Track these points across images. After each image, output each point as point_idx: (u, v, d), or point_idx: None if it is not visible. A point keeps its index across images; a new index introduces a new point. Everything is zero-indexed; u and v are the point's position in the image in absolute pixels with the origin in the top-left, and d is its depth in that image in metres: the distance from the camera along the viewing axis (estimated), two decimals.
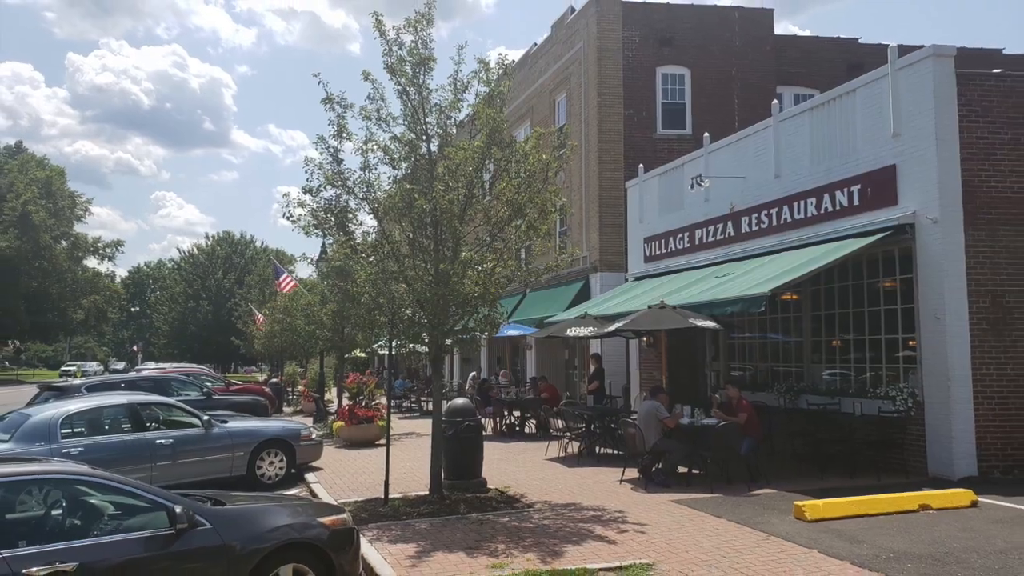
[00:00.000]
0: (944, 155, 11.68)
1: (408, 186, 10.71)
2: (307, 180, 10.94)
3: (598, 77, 22.47)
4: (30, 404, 14.11)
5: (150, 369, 35.96)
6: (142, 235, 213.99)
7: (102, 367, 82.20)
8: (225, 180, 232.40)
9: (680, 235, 18.18)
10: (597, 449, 14.90)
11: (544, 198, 10.83)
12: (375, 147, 10.96)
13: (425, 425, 17.10)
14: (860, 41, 24.57)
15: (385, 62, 10.81)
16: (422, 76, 10.77)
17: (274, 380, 35.60)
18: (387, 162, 11.03)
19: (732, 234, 16.24)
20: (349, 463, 14.94)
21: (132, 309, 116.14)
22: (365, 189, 11.01)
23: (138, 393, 14.64)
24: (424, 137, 10.90)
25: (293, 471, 13.33)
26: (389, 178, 11.33)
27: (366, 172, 11.01)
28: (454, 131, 11.26)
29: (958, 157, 11.72)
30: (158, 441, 11.55)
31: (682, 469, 12.22)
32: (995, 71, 13.02)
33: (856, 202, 12.95)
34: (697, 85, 22.84)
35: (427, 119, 10.85)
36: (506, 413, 19.86)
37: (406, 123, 10.93)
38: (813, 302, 14.36)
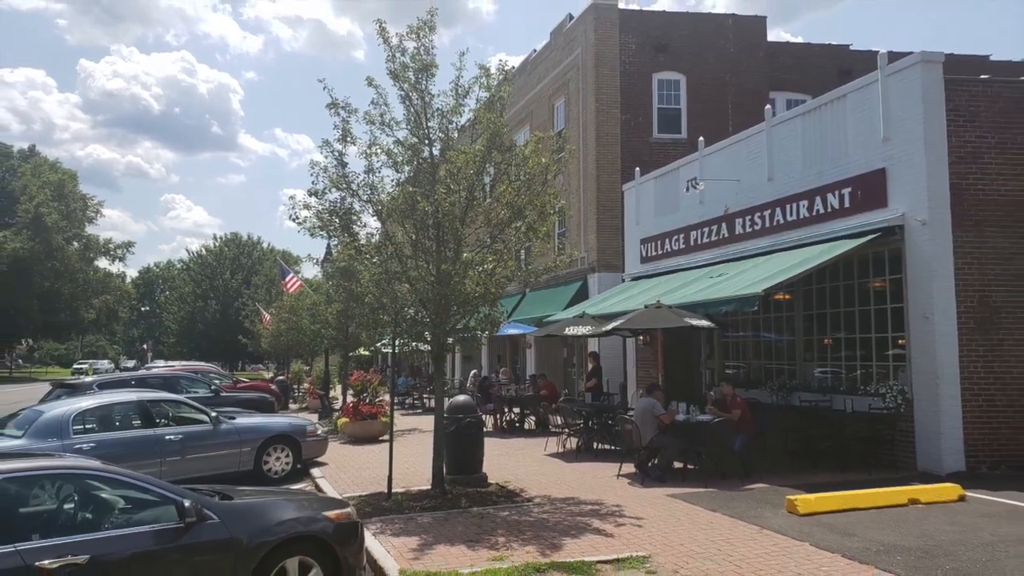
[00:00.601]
0: (932, 158, 11.93)
1: (411, 189, 10.94)
2: (312, 183, 11.19)
3: (596, 83, 22.73)
4: (43, 401, 14.28)
5: (160, 367, 36.09)
6: (152, 236, 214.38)
7: (113, 365, 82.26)
8: (232, 183, 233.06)
9: (676, 236, 18.44)
10: (595, 445, 15.10)
11: (543, 200, 11.05)
12: (379, 151, 11.18)
13: (427, 421, 17.34)
14: (851, 48, 24.85)
15: (388, 68, 11.04)
16: (424, 82, 10.99)
17: (280, 378, 35.82)
18: (390, 165, 11.25)
19: (726, 235, 16.50)
20: (353, 458, 15.14)
21: (142, 308, 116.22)
22: (369, 192, 11.22)
23: (148, 390, 14.78)
24: (426, 141, 11.12)
25: (299, 466, 13.50)
26: (392, 181, 11.53)
27: (370, 175, 11.22)
28: (455, 135, 11.49)
29: (946, 160, 11.96)
30: (167, 437, 11.71)
31: (678, 464, 12.42)
32: (982, 77, 13.28)
33: (847, 204, 13.21)
34: (692, 90, 23.13)
35: (429, 123, 11.08)
36: (506, 410, 20.06)
37: (409, 127, 11.14)
38: (805, 302, 14.61)
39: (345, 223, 11.24)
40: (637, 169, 20.60)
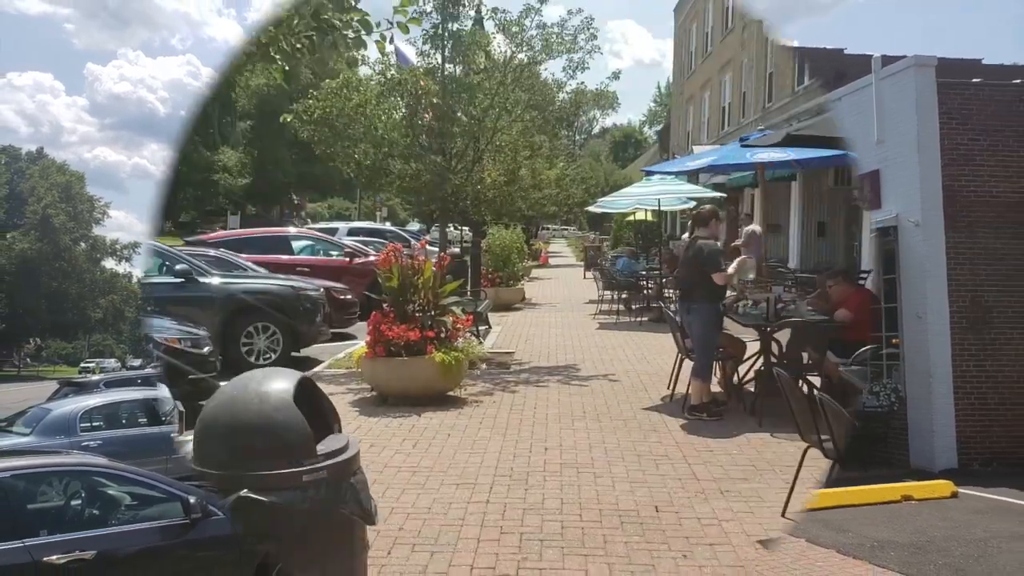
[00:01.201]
0: (925, 161, 12.00)
1: None
2: None
3: None
4: (51, 399, 14.35)
5: None
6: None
7: (119, 364, 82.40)
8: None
9: None
10: None
11: None
12: None
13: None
14: (845, 52, 25.02)
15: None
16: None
17: None
18: None
19: None
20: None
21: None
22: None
23: (153, 389, 14.70)
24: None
25: None
26: None
27: None
28: None
29: (939, 163, 12.03)
30: (173, 435, 11.83)
31: None
32: (975, 80, 13.40)
33: None
34: None
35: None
36: None
37: None
38: None
39: None
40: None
